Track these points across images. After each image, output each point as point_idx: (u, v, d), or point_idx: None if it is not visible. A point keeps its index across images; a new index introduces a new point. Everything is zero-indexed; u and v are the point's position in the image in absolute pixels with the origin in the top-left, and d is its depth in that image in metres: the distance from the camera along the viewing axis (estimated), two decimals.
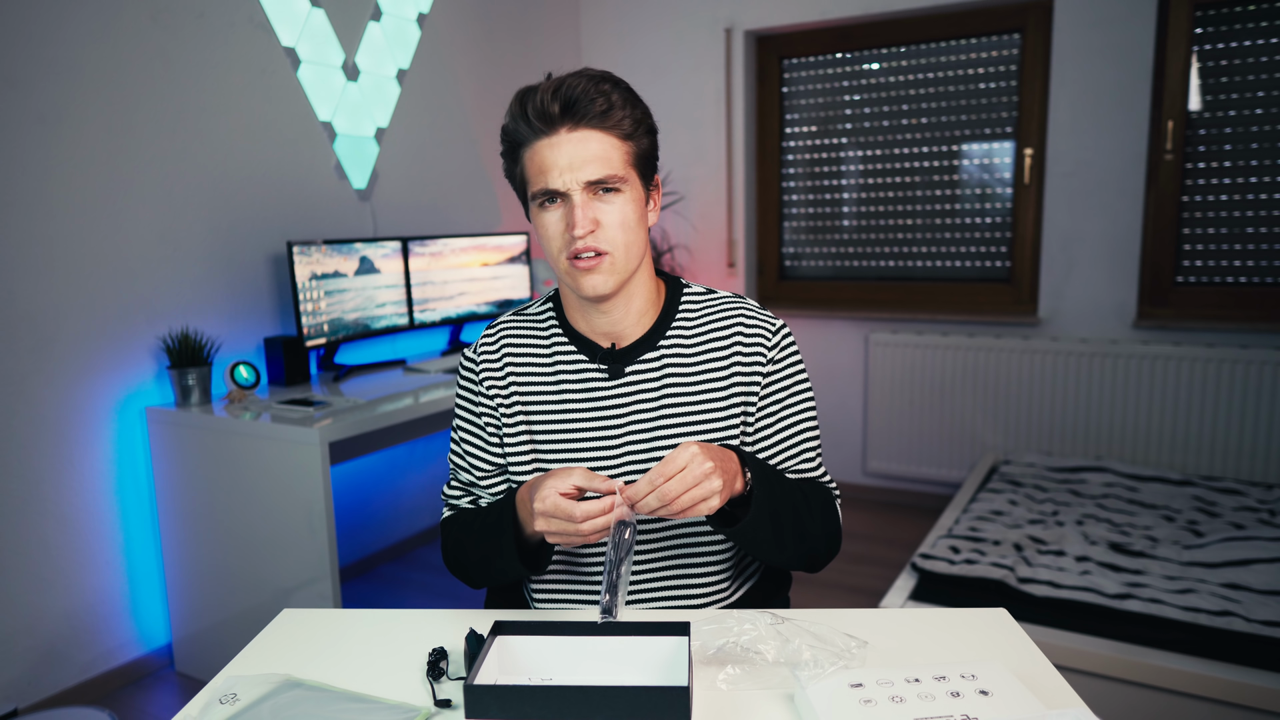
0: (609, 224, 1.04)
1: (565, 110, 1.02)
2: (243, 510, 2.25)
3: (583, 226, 1.03)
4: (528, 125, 1.04)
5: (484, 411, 1.18)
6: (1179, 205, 3.16)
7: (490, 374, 1.17)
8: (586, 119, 1.02)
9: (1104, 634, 1.90)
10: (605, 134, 1.03)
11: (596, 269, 1.05)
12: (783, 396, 1.16)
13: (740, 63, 3.77)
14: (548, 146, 1.03)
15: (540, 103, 1.02)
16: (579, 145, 1.02)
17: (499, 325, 1.21)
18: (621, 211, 1.05)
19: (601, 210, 1.04)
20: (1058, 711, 0.80)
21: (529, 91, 1.04)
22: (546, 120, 1.02)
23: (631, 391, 1.13)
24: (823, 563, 1.14)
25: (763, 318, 1.16)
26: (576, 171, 1.02)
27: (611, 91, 1.04)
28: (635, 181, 1.07)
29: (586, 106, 1.02)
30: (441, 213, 3.34)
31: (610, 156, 1.04)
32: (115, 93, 2.27)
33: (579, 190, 1.03)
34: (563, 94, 1.01)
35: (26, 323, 2.14)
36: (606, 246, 1.04)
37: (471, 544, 1.14)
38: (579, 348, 1.15)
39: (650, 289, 1.15)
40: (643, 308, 1.14)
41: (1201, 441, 3.11)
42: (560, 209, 1.05)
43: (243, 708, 0.88)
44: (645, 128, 1.08)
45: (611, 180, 1.03)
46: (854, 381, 3.76)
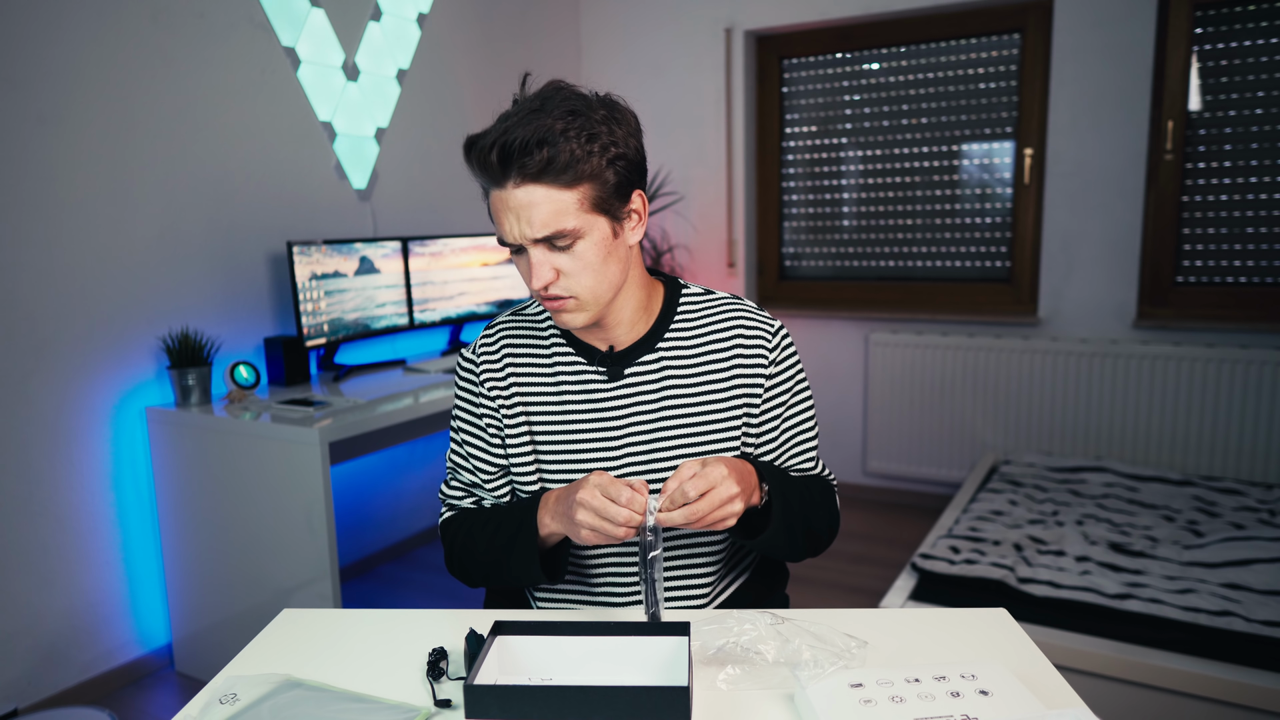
0: (569, 271, 1.02)
1: (503, 163, 0.96)
2: (243, 510, 2.25)
3: (540, 279, 1.01)
4: (480, 173, 1.01)
5: (485, 412, 1.18)
6: (1179, 205, 3.16)
7: (491, 374, 1.17)
8: (527, 174, 0.96)
9: (1104, 634, 1.90)
10: (550, 188, 0.97)
11: (565, 309, 1.05)
12: (786, 398, 1.17)
13: (740, 63, 3.77)
14: (499, 198, 1.00)
15: (481, 155, 0.98)
16: (524, 202, 0.98)
17: (498, 325, 1.21)
18: (581, 258, 1.02)
19: (560, 260, 1.02)
20: (1058, 711, 0.80)
21: (474, 141, 1.00)
22: (489, 174, 0.99)
23: (631, 394, 1.13)
24: (824, 549, 1.19)
25: (761, 319, 1.16)
26: (523, 228, 0.99)
27: (559, 137, 0.96)
28: (597, 222, 1.01)
29: (525, 160, 0.96)
30: (441, 213, 3.34)
31: (559, 210, 0.98)
32: (115, 93, 2.27)
33: (530, 245, 1.01)
34: (502, 146, 0.95)
35: (26, 323, 2.14)
36: (570, 292, 1.03)
37: (482, 545, 1.12)
38: (577, 350, 1.15)
39: (639, 298, 1.13)
40: (634, 316, 1.13)
41: (1201, 441, 3.11)
42: (523, 257, 1.03)
43: (243, 708, 0.88)
44: (610, 162, 1.00)
45: (560, 237, 0.99)
46: (854, 381, 3.76)
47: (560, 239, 1.00)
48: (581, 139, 0.97)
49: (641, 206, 1.07)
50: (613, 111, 1.03)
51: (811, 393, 1.21)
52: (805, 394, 1.19)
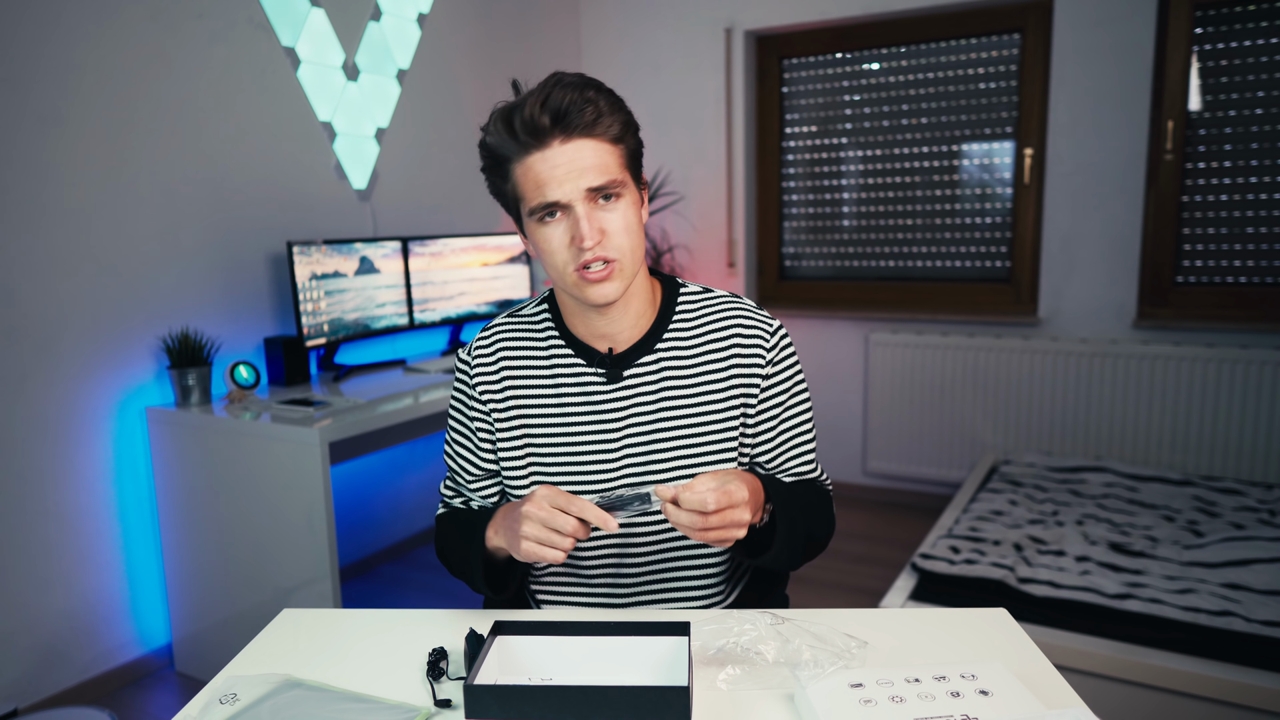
0: (614, 230, 1.03)
1: (555, 122, 0.99)
2: (243, 510, 2.25)
3: (591, 237, 1.01)
4: (515, 140, 1.01)
5: (476, 416, 1.18)
6: (1179, 205, 3.16)
7: (484, 378, 1.17)
8: (578, 129, 1.00)
9: (1104, 634, 1.90)
10: (597, 141, 1.01)
11: (609, 277, 1.04)
12: (783, 399, 1.16)
13: (740, 63, 3.77)
14: (541, 160, 1.01)
15: (530, 116, 0.99)
16: (575, 155, 1.00)
17: (494, 328, 1.20)
18: (624, 216, 1.04)
19: (605, 218, 1.03)
20: (1058, 711, 0.80)
21: (515, 107, 1.01)
22: (537, 134, 1.00)
23: (629, 395, 1.13)
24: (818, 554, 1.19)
25: (760, 319, 1.16)
26: (576, 180, 1.00)
27: (597, 98, 1.01)
28: (631, 184, 1.06)
29: (576, 116, 0.99)
30: (441, 213, 3.34)
31: (607, 162, 1.02)
32: (115, 93, 2.27)
33: (580, 200, 1.01)
34: (551, 106, 0.99)
35: (26, 323, 2.14)
36: (614, 254, 1.03)
37: (453, 548, 1.16)
38: (576, 351, 1.15)
39: (647, 290, 1.14)
40: (641, 309, 1.13)
41: (1201, 441, 3.11)
42: (563, 222, 1.03)
43: (243, 708, 0.88)
44: (632, 129, 1.07)
45: (612, 186, 1.02)
46: (854, 381, 3.76)
47: (610, 189, 1.02)
48: (611, 101, 1.04)
49: (647, 190, 1.12)
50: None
51: (810, 394, 1.21)
52: (803, 395, 1.18)
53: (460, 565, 1.13)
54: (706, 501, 0.90)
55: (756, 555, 1.06)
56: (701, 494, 0.91)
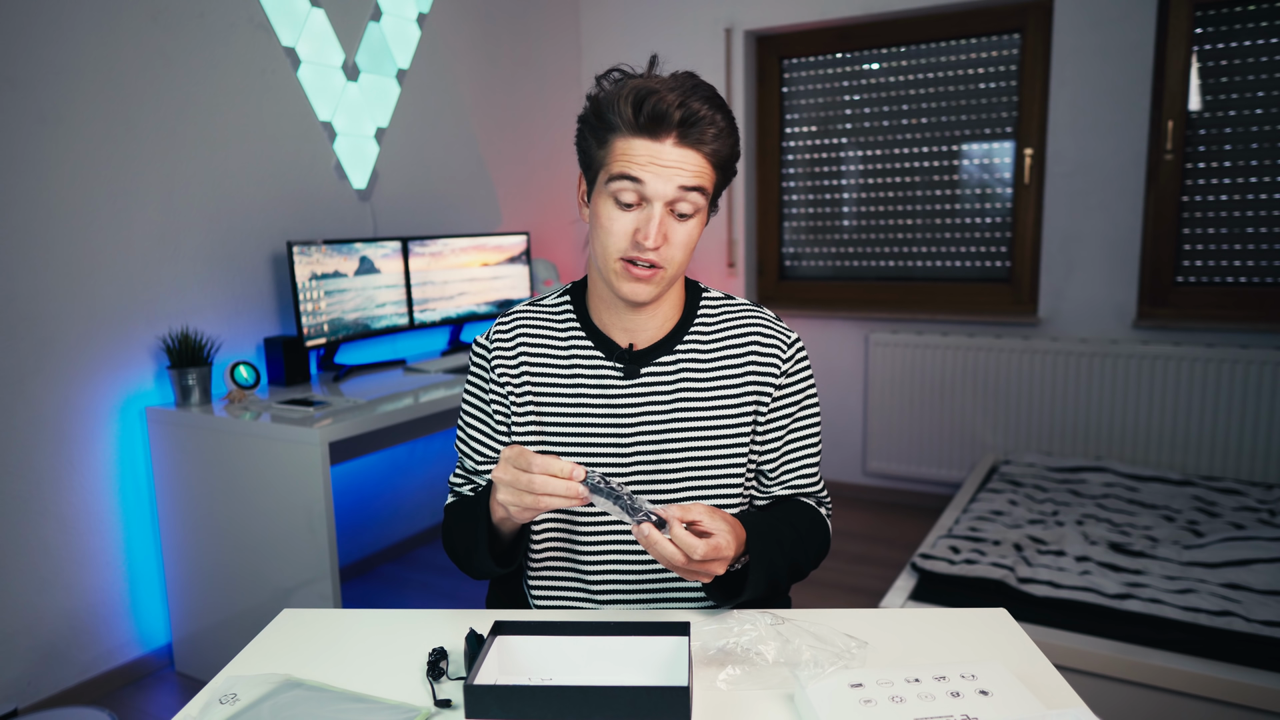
0: (675, 243, 1.05)
1: (683, 125, 1.01)
2: (243, 510, 2.25)
3: (655, 239, 1.02)
4: (635, 120, 1.01)
5: (494, 399, 1.18)
6: (1179, 205, 3.16)
7: (503, 361, 1.17)
8: (694, 140, 1.02)
9: (1104, 634, 1.90)
10: (705, 161, 1.04)
11: (648, 280, 1.06)
12: (792, 410, 1.17)
13: (740, 63, 3.77)
14: (649, 148, 1.02)
15: (664, 108, 1.00)
16: (681, 159, 1.02)
17: (514, 314, 1.21)
18: (689, 233, 1.06)
19: (673, 228, 1.04)
20: (1058, 711, 0.80)
21: (652, 92, 1.01)
22: (662, 125, 1.01)
23: (645, 392, 1.14)
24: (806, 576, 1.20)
25: (778, 329, 1.18)
26: (670, 181, 1.02)
27: (724, 124, 1.04)
28: (705, 207, 1.07)
29: (701, 130, 1.02)
30: (441, 213, 3.34)
31: (703, 175, 1.04)
32: (115, 93, 2.27)
33: (662, 202, 1.03)
34: (686, 109, 1.00)
35: (26, 323, 2.14)
36: (665, 263, 1.05)
37: (459, 534, 1.15)
38: (596, 344, 1.15)
39: (678, 294, 1.16)
40: (669, 312, 1.15)
41: (1201, 441, 3.11)
42: (634, 212, 1.04)
43: (243, 708, 0.88)
44: (735, 159, 1.09)
45: (696, 199, 1.04)
46: (854, 381, 3.76)
47: (689, 202, 1.04)
48: (731, 133, 1.06)
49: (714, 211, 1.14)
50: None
51: (820, 410, 1.22)
52: (812, 409, 1.20)
53: (465, 546, 1.12)
54: (694, 549, 0.92)
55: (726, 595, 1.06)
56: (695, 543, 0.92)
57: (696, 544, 0.92)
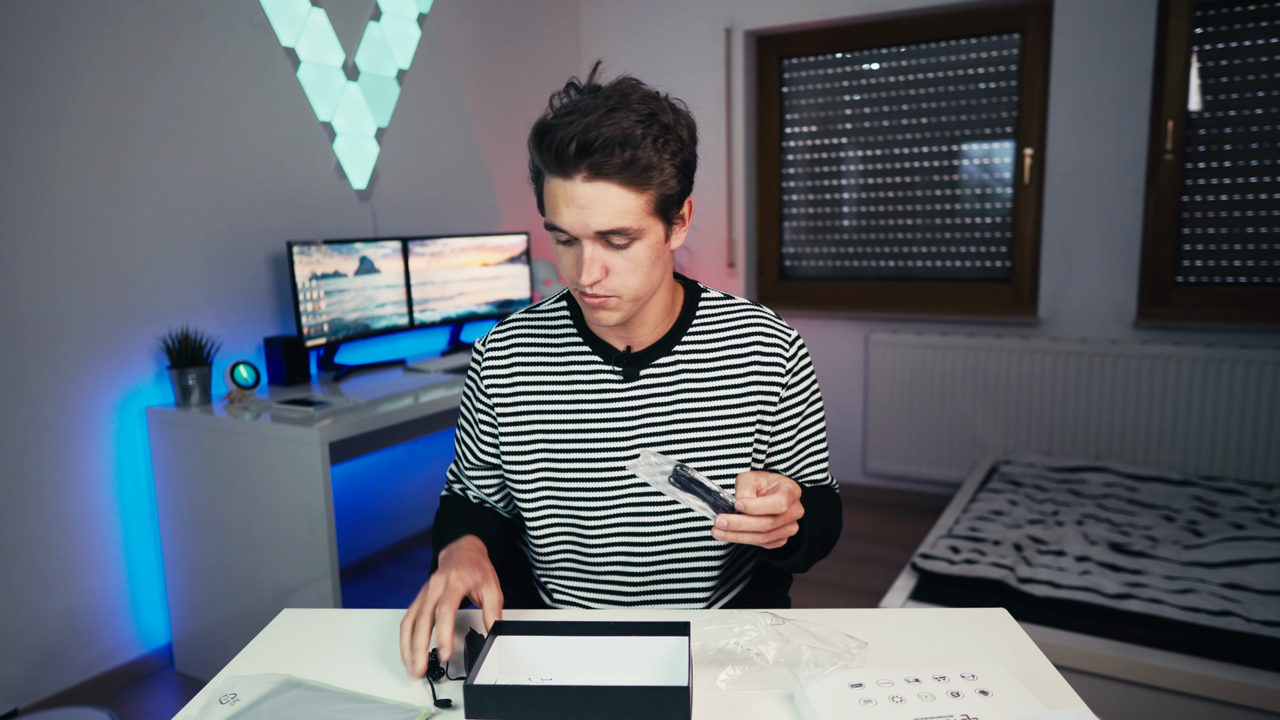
0: (618, 270, 1.01)
1: (581, 156, 0.94)
2: (243, 510, 2.25)
3: (589, 275, 0.99)
4: (542, 159, 0.98)
5: (481, 410, 1.20)
6: (1179, 205, 3.16)
7: (494, 374, 1.18)
8: (604, 172, 0.95)
9: (1104, 634, 1.90)
10: (624, 188, 0.96)
11: (605, 307, 1.04)
12: (801, 409, 1.18)
13: (740, 63, 3.77)
14: (561, 187, 0.97)
15: (559, 144, 0.95)
16: (592, 197, 0.96)
17: (510, 323, 1.21)
18: (634, 257, 1.01)
19: (611, 258, 1.00)
20: (1058, 711, 0.80)
21: (550, 128, 0.96)
22: (562, 163, 0.96)
23: (645, 395, 1.13)
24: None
25: (780, 328, 1.18)
26: (586, 220, 0.97)
27: (641, 140, 0.95)
28: (655, 226, 1.01)
29: (606, 159, 0.94)
30: (441, 213, 3.34)
31: (627, 209, 0.97)
32: (115, 93, 2.27)
33: (589, 240, 0.99)
34: (584, 140, 0.93)
35: (26, 323, 2.14)
36: (614, 291, 1.02)
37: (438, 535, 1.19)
38: (594, 349, 1.15)
39: (666, 300, 1.14)
40: (658, 319, 1.14)
41: (1201, 441, 3.11)
42: (574, 248, 1.02)
43: (243, 708, 0.88)
44: (675, 169, 1.00)
45: (623, 234, 0.98)
46: (854, 381, 3.76)
47: (619, 236, 0.99)
48: (659, 144, 0.97)
49: (688, 212, 1.08)
50: (678, 116, 1.02)
51: (824, 405, 1.23)
52: (818, 405, 1.21)
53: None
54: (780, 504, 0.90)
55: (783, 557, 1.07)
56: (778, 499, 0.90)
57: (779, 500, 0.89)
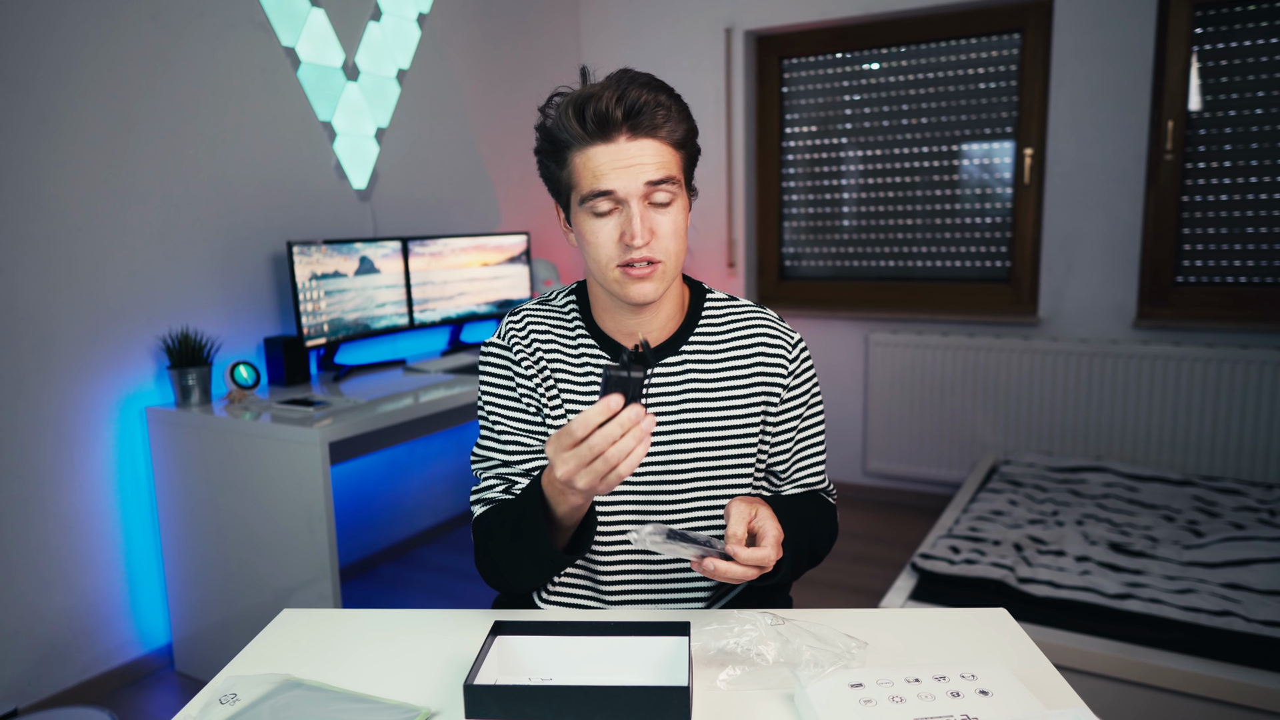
0: (664, 234, 1.04)
1: (627, 117, 1.01)
2: (243, 510, 2.25)
3: (641, 237, 1.02)
4: (583, 129, 1.02)
5: (523, 390, 1.13)
6: (1179, 205, 3.16)
7: (525, 354, 1.15)
8: (646, 128, 1.02)
9: (1104, 634, 1.90)
10: (661, 143, 1.04)
11: (650, 277, 1.05)
12: (801, 411, 1.19)
13: (740, 63, 3.77)
14: (605, 152, 1.02)
15: (605, 109, 1.00)
16: (639, 152, 1.02)
17: (523, 313, 1.19)
18: (675, 220, 1.05)
19: (657, 220, 1.04)
20: (1058, 711, 0.80)
21: (589, 97, 1.02)
22: (608, 126, 1.01)
23: (653, 393, 1.14)
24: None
25: (784, 331, 1.19)
26: (638, 176, 1.02)
27: (669, 103, 1.04)
28: (683, 190, 1.08)
29: (649, 116, 1.02)
30: (441, 213, 3.34)
31: (667, 162, 1.04)
32: (115, 93, 2.27)
33: (636, 199, 1.02)
34: (626, 101, 1.01)
35: (26, 323, 2.14)
36: (660, 256, 1.05)
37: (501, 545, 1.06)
38: (601, 346, 1.15)
39: (679, 293, 1.16)
40: (671, 312, 1.15)
41: (1201, 441, 3.11)
42: (613, 218, 1.04)
43: (243, 708, 0.88)
44: (694, 134, 1.09)
45: (669, 184, 1.04)
46: (854, 381, 3.76)
47: (666, 188, 1.04)
48: (681, 108, 1.06)
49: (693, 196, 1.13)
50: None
51: (824, 407, 1.23)
52: (818, 408, 1.22)
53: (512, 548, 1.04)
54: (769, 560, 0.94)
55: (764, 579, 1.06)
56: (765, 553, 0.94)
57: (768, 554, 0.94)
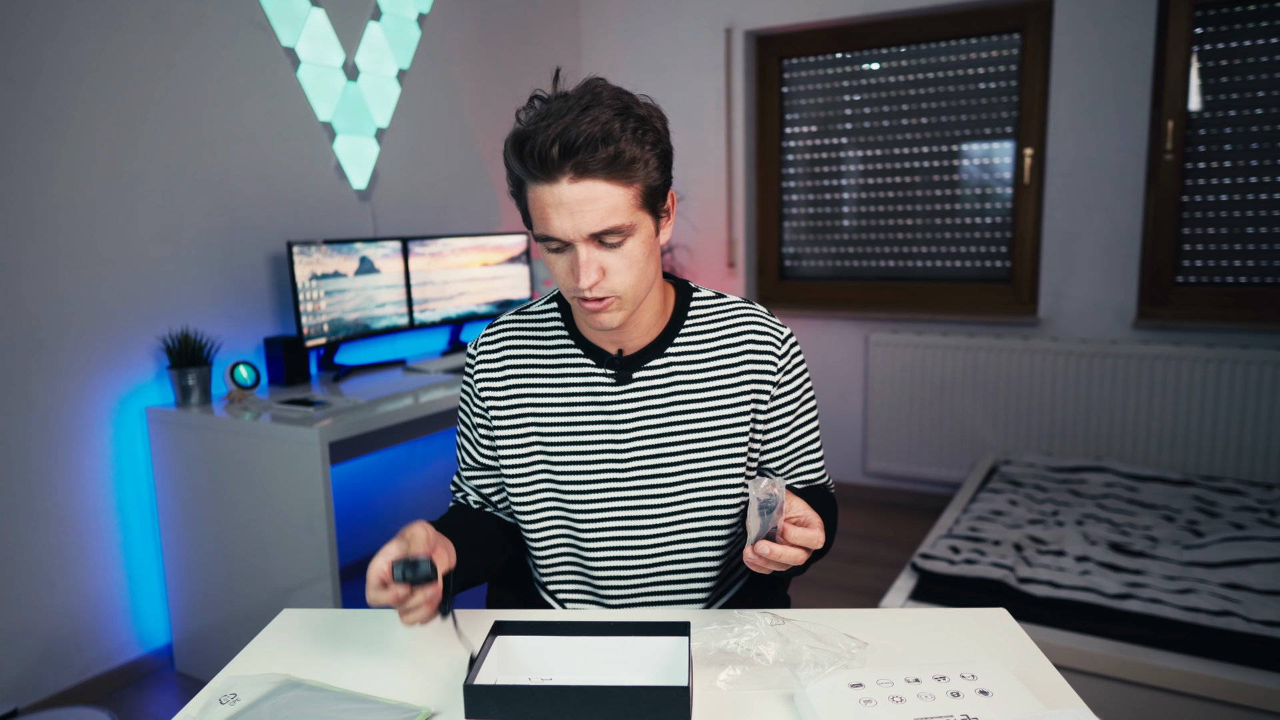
0: (615, 269, 1.00)
1: (565, 157, 0.94)
2: (243, 510, 2.25)
3: (587, 279, 0.98)
4: (524, 167, 0.97)
5: (477, 413, 1.20)
6: (1179, 205, 3.16)
7: (486, 376, 1.17)
8: (589, 170, 0.95)
9: (1104, 634, 1.90)
10: (610, 184, 0.96)
11: (606, 309, 1.03)
12: (793, 406, 1.17)
13: (740, 63, 3.77)
14: (548, 193, 0.96)
15: (540, 148, 0.94)
16: (582, 197, 0.95)
17: (500, 326, 1.20)
18: (628, 256, 1.00)
19: (607, 258, 0.99)
20: (1058, 711, 0.80)
21: (528, 135, 0.95)
22: (546, 167, 0.95)
23: (639, 397, 1.13)
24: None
25: (772, 326, 1.16)
26: (578, 223, 0.96)
27: (620, 133, 0.95)
28: (644, 219, 1.01)
29: (590, 156, 0.94)
30: (441, 213, 3.34)
31: (616, 205, 0.97)
32: (115, 93, 2.27)
33: (582, 242, 0.98)
34: (565, 140, 0.93)
35: (26, 323, 2.14)
36: (613, 292, 1.01)
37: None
38: (585, 352, 1.15)
39: (659, 301, 1.13)
40: (650, 321, 1.13)
41: (1201, 441, 3.11)
42: (566, 254, 1.00)
43: (243, 708, 0.88)
44: (657, 160, 1.00)
45: (617, 231, 0.98)
46: (854, 381, 3.76)
47: (613, 235, 0.98)
48: (638, 135, 0.97)
49: (671, 205, 1.08)
50: (649, 109, 1.03)
51: (817, 400, 1.22)
52: (812, 403, 1.20)
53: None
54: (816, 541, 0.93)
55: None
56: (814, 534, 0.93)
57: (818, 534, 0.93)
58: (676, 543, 1.15)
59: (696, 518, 1.14)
